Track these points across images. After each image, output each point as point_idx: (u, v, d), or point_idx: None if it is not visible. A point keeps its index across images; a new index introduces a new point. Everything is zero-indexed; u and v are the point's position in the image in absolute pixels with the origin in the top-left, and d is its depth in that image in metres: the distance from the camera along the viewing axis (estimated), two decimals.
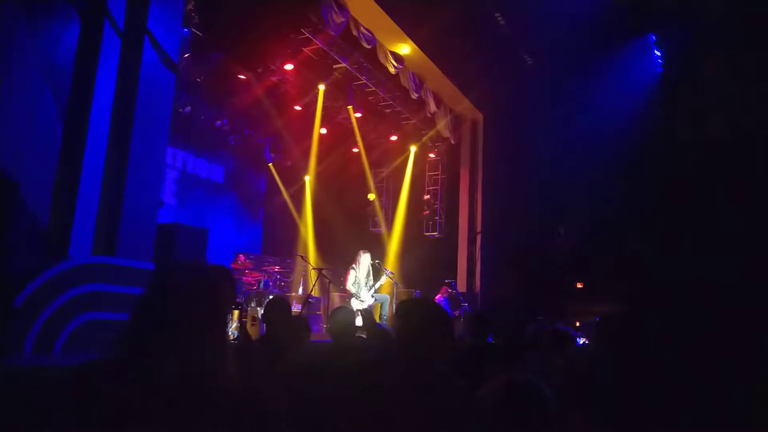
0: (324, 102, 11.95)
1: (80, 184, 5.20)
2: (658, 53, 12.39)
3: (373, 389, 1.76)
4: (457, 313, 10.98)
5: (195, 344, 1.35)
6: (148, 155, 5.70)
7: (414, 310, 1.99)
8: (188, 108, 11.01)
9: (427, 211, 14.08)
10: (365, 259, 9.66)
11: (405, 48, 10.65)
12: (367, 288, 9.49)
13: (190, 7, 8.20)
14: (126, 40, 5.59)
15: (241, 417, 1.32)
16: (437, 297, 10.93)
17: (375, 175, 15.14)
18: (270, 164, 14.53)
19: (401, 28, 10.03)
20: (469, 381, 2.24)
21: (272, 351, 3.14)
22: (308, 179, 14.67)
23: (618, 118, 11.62)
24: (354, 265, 9.58)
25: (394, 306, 9.54)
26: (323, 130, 13.11)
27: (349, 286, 9.43)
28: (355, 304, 9.20)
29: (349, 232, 14.01)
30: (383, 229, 14.70)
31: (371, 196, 14.36)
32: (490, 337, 4.81)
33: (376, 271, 9.80)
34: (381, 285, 9.75)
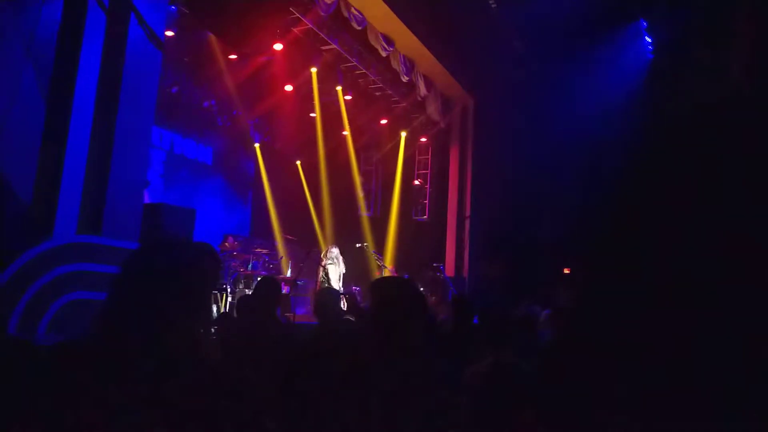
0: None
1: (65, 162, 5.12)
2: (649, 39, 12.36)
3: (352, 366, 1.76)
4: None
5: (175, 321, 1.33)
6: (134, 133, 5.62)
7: (385, 286, 1.99)
8: (175, 88, 10.86)
9: (422, 199, 14.07)
10: (335, 253, 9.73)
11: (396, 30, 10.54)
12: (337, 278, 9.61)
13: None
14: (111, 16, 5.48)
15: (220, 396, 1.31)
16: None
17: (365, 159, 15.08)
18: (258, 146, 14.42)
19: (392, 10, 9.92)
20: (452, 361, 2.25)
21: (254, 331, 3.13)
22: (298, 162, 14.59)
23: (608, 104, 11.61)
24: (329, 261, 9.67)
25: None
26: (312, 114, 13.03)
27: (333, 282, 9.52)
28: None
29: (338, 215, 13.99)
30: (371, 212, 14.69)
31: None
32: (476, 320, 4.83)
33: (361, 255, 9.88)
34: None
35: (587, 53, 12.08)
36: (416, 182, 14.14)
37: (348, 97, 12.44)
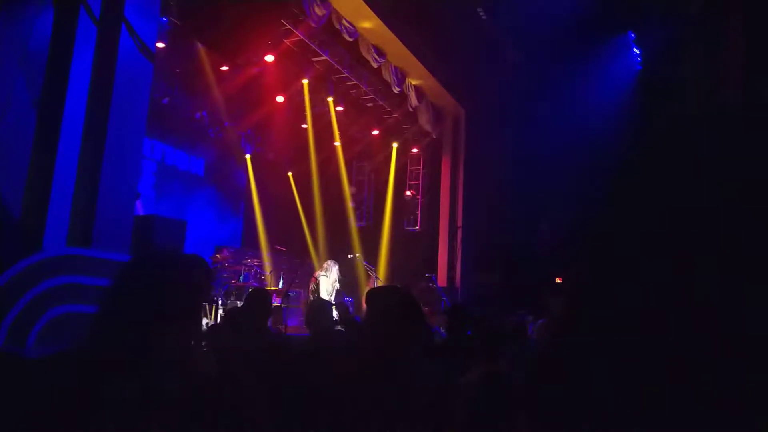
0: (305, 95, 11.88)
1: (55, 174, 5.10)
2: (637, 51, 12.51)
3: (345, 376, 1.75)
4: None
5: (167, 333, 1.33)
6: (125, 145, 5.61)
7: (382, 296, 1.98)
8: (167, 99, 10.84)
9: (414, 210, 14.09)
10: (334, 271, 9.75)
11: (387, 41, 10.61)
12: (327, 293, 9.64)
13: None
14: (102, 28, 5.49)
15: (215, 406, 1.30)
16: None
17: (357, 170, 15.09)
18: (249, 157, 14.40)
19: (383, 22, 9.99)
20: (447, 371, 2.25)
21: (244, 342, 3.12)
22: (290, 173, 14.58)
23: (599, 114, 11.72)
24: (323, 273, 9.66)
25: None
26: (303, 125, 13.06)
27: (323, 295, 9.53)
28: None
29: (330, 225, 13.98)
30: (363, 223, 14.69)
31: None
32: (469, 331, 4.83)
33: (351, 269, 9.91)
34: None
35: (577, 64, 12.21)
36: (408, 193, 14.15)
37: (339, 108, 12.47)
